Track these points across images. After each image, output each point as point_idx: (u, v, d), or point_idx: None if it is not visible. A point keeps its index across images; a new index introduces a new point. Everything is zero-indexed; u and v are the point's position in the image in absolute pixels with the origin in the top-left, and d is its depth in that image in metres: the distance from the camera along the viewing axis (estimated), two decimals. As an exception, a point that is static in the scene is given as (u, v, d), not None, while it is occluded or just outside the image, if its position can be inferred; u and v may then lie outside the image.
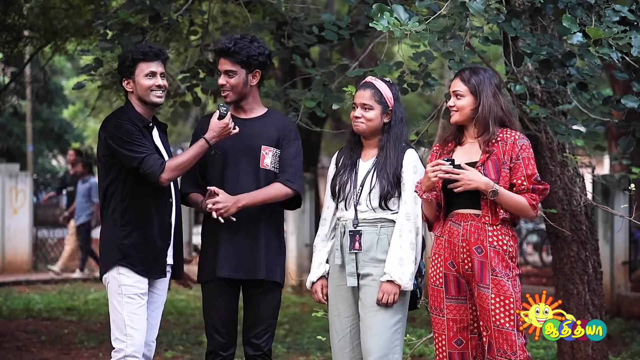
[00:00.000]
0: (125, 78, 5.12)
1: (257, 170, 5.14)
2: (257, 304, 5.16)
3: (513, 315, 4.62)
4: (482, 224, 4.69)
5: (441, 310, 4.78)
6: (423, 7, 5.43)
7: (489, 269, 4.65)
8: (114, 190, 5.03)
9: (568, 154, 6.49)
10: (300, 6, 8.86)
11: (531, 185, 4.67)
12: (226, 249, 5.09)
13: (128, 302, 4.98)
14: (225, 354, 5.17)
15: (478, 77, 4.77)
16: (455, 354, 4.77)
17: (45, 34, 11.48)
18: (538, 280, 14.81)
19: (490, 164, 4.70)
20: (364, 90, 5.08)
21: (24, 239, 17.49)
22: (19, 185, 17.51)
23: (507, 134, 4.75)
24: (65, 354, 8.79)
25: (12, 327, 10.63)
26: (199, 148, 5.03)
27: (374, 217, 5.02)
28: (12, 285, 15.31)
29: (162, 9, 6.81)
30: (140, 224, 5.02)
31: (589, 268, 6.72)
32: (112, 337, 5.03)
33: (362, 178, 5.04)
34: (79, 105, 28.34)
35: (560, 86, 6.13)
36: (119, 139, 4.96)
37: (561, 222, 6.66)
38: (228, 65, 5.15)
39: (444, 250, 4.78)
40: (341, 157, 5.19)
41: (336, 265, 5.07)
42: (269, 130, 5.19)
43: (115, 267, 4.99)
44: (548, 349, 8.62)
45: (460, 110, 4.79)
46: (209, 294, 5.19)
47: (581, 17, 5.56)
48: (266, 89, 7.54)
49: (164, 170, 4.95)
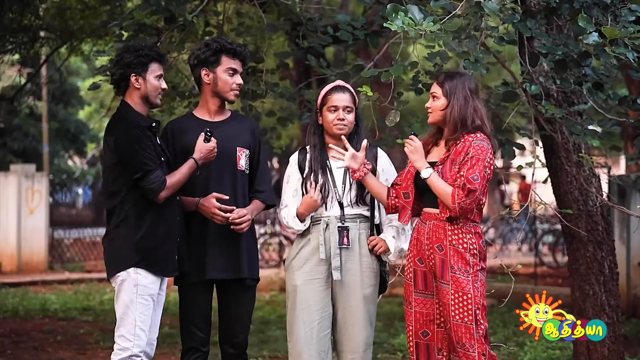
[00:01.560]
0: (136, 74, 5.08)
1: (234, 171, 5.29)
2: (236, 302, 5.31)
3: (471, 310, 4.85)
4: (442, 222, 4.94)
5: (410, 303, 5.08)
6: (438, 7, 5.42)
7: (448, 266, 4.90)
8: (126, 194, 5.03)
9: (584, 154, 6.47)
10: (315, 7, 8.86)
11: (463, 182, 4.85)
12: (213, 251, 5.22)
13: (141, 302, 5.02)
14: (205, 350, 5.32)
15: (452, 82, 5.03)
16: (421, 344, 5.06)
17: (61, 34, 11.52)
18: (553, 281, 14.77)
19: (448, 163, 4.96)
20: (343, 93, 5.31)
21: (40, 239, 17.58)
22: (35, 186, 17.60)
23: (470, 136, 4.96)
24: (81, 354, 8.82)
25: (29, 327, 10.68)
26: (189, 168, 5.13)
27: (354, 213, 5.28)
28: (28, 285, 15.38)
29: (177, 10, 6.82)
30: (154, 225, 5.04)
31: (605, 269, 6.69)
32: (117, 333, 5.05)
33: (342, 177, 5.28)
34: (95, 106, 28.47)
35: (575, 86, 6.11)
36: (128, 144, 4.98)
37: (577, 222, 6.63)
38: (239, 66, 5.31)
39: (414, 247, 5.08)
40: (304, 158, 5.37)
41: (314, 259, 5.26)
42: (242, 132, 5.35)
43: (132, 268, 5.01)
44: (564, 349, 8.60)
45: (433, 111, 5.07)
46: (190, 294, 5.29)
47: (597, 16, 5.54)
48: (281, 89, 7.55)
49: (164, 188, 5.01)
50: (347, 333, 5.24)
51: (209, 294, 5.30)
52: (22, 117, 23.81)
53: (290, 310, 5.32)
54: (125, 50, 5.14)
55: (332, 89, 5.33)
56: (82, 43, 12.03)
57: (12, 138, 24.24)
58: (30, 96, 15.52)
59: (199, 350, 5.29)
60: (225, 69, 5.25)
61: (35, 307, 12.40)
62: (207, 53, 5.25)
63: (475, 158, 4.88)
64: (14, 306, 12.50)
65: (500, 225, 21.65)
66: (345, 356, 5.26)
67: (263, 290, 14.51)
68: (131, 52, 5.10)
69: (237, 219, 5.16)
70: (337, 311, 5.27)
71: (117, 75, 5.13)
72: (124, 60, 5.10)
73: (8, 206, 17.43)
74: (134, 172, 4.97)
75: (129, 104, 5.12)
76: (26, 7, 10.18)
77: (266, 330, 10.38)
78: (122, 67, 5.10)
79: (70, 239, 19.35)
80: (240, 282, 5.29)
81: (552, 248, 18.30)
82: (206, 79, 5.28)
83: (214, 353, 5.43)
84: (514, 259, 16.94)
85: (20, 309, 12.29)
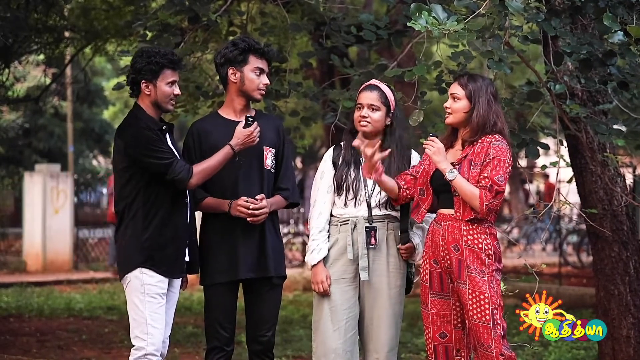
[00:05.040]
0: (146, 80, 5.08)
1: (262, 171, 5.29)
2: (263, 301, 5.32)
3: (488, 310, 4.87)
4: (458, 223, 4.96)
5: (427, 304, 5.09)
6: (462, 6, 5.41)
7: (465, 267, 4.92)
8: (136, 196, 5.05)
9: (609, 154, 6.44)
10: (339, 6, 8.86)
11: (489, 184, 4.86)
12: (240, 251, 5.23)
13: (150, 301, 5.04)
14: (229, 349, 5.33)
15: (475, 84, 5.02)
16: (439, 345, 5.08)
17: (86, 35, 11.59)
18: (578, 281, 14.70)
19: (466, 163, 4.97)
20: (370, 91, 5.28)
21: (65, 239, 17.66)
22: (60, 186, 17.69)
23: (488, 137, 4.97)
24: (106, 353, 8.86)
25: (54, 326, 10.74)
26: (224, 154, 5.12)
27: (383, 214, 5.27)
28: (54, 284, 15.46)
29: (201, 10, 6.84)
30: (161, 227, 5.07)
31: (630, 268, 6.66)
32: (132, 335, 5.08)
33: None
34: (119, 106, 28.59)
35: (600, 85, 6.09)
36: (141, 147, 4.98)
37: (602, 222, 6.60)
38: (265, 66, 5.31)
39: (429, 249, 5.09)
40: (338, 154, 5.37)
41: (342, 260, 5.27)
42: (268, 132, 5.33)
43: (138, 268, 5.05)
44: (588, 349, 8.55)
45: (454, 112, 5.06)
46: (216, 294, 5.30)
47: (622, 15, 5.52)
48: (304, 89, 7.55)
49: (192, 175, 5.02)
50: (373, 333, 5.25)
51: (234, 294, 5.31)
52: (47, 117, 23.96)
53: (316, 309, 5.34)
54: (139, 55, 5.12)
55: (364, 87, 5.33)
56: (106, 43, 12.09)
57: (37, 138, 24.37)
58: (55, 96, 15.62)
59: (222, 350, 5.30)
60: (253, 69, 5.25)
61: (60, 307, 12.46)
62: (234, 52, 5.24)
63: (497, 159, 4.89)
64: (39, 305, 12.56)
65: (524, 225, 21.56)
66: (370, 356, 5.26)
67: (287, 290, 14.52)
68: (143, 58, 5.08)
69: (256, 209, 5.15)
70: (364, 311, 5.27)
71: (129, 79, 5.15)
72: (136, 65, 5.10)
73: (33, 206, 17.53)
74: (157, 171, 4.99)
75: (141, 107, 5.13)
76: (51, 8, 10.24)
77: (290, 329, 10.39)
78: (134, 72, 5.11)
79: (94, 239, 19.44)
80: (267, 281, 5.30)
81: (576, 248, 18.19)
82: (233, 78, 5.27)
83: (239, 352, 5.45)
84: (538, 259, 16.87)
85: (46, 308, 12.35)
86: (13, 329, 10.52)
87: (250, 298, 5.35)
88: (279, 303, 5.42)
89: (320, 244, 5.30)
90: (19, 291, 14.35)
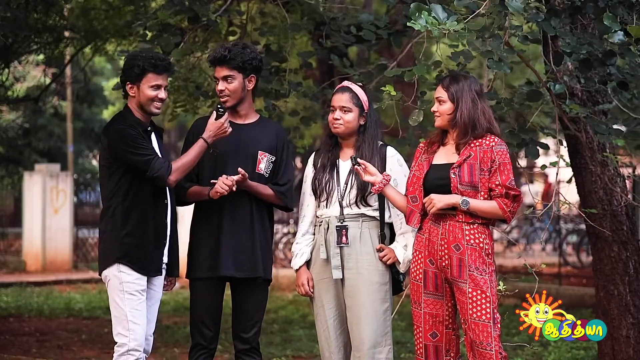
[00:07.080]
0: (130, 82, 5.16)
1: (252, 175, 5.29)
2: (248, 300, 5.37)
3: (489, 308, 4.89)
4: (460, 223, 4.97)
5: (419, 304, 5.10)
6: (461, 6, 5.41)
7: (466, 266, 4.92)
8: (116, 192, 5.12)
9: (608, 154, 6.44)
10: (339, 6, 8.86)
11: (504, 191, 4.91)
12: (226, 247, 5.27)
13: (129, 298, 5.09)
14: (211, 347, 5.38)
15: (457, 85, 5.02)
16: (430, 345, 5.09)
17: (86, 35, 11.59)
18: (578, 281, 14.69)
19: (466, 167, 4.98)
20: (342, 93, 5.34)
21: (64, 239, 17.67)
22: (59, 185, 17.69)
23: (486, 139, 5.00)
24: (105, 353, 8.85)
25: (53, 326, 10.75)
26: (198, 148, 5.17)
27: (356, 213, 5.30)
28: (53, 284, 15.48)
29: (200, 10, 6.84)
30: (139, 225, 5.12)
31: (629, 269, 6.67)
32: (114, 332, 5.13)
33: (345, 176, 5.32)
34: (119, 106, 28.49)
35: (600, 85, 6.09)
36: (123, 144, 5.04)
37: (601, 222, 6.61)
38: (226, 71, 5.31)
39: (424, 248, 5.07)
40: (319, 158, 5.44)
41: (319, 260, 5.35)
42: (266, 136, 5.39)
43: (115, 265, 5.11)
44: (588, 349, 8.55)
45: (441, 115, 5.07)
46: (200, 290, 5.36)
47: (622, 15, 5.52)
48: (304, 89, 7.56)
49: (171, 172, 5.08)
50: (353, 331, 5.27)
51: (218, 291, 5.35)
52: (46, 117, 23.94)
53: (313, 309, 5.47)
54: (128, 57, 5.23)
55: (336, 89, 5.41)
56: (106, 43, 12.10)
57: (37, 138, 24.36)
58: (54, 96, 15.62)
59: (205, 347, 5.36)
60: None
61: (59, 306, 12.47)
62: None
63: (503, 164, 4.94)
64: (39, 305, 12.58)
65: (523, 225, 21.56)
66: (352, 355, 5.30)
67: (286, 290, 14.52)
68: (129, 61, 5.18)
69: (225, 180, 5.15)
70: (345, 310, 5.32)
71: (120, 80, 5.25)
72: (124, 67, 5.22)
73: (33, 205, 17.54)
74: (137, 167, 5.05)
75: (129, 107, 5.22)
76: (51, 8, 10.23)
77: (289, 329, 10.40)
78: (122, 74, 5.22)
79: (94, 238, 19.40)
80: (252, 280, 5.35)
81: (576, 248, 18.18)
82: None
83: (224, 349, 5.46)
84: (538, 259, 16.86)
85: (45, 308, 12.36)
86: (13, 329, 10.53)
87: (235, 296, 5.41)
88: (264, 302, 5.46)
89: (303, 247, 5.42)
90: (19, 291, 14.37)
